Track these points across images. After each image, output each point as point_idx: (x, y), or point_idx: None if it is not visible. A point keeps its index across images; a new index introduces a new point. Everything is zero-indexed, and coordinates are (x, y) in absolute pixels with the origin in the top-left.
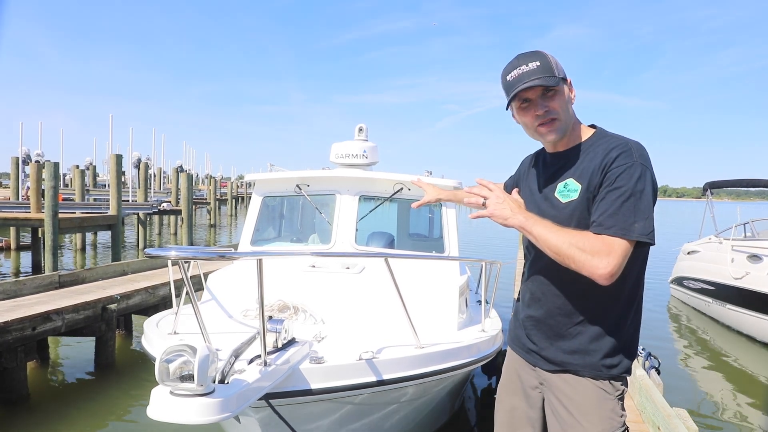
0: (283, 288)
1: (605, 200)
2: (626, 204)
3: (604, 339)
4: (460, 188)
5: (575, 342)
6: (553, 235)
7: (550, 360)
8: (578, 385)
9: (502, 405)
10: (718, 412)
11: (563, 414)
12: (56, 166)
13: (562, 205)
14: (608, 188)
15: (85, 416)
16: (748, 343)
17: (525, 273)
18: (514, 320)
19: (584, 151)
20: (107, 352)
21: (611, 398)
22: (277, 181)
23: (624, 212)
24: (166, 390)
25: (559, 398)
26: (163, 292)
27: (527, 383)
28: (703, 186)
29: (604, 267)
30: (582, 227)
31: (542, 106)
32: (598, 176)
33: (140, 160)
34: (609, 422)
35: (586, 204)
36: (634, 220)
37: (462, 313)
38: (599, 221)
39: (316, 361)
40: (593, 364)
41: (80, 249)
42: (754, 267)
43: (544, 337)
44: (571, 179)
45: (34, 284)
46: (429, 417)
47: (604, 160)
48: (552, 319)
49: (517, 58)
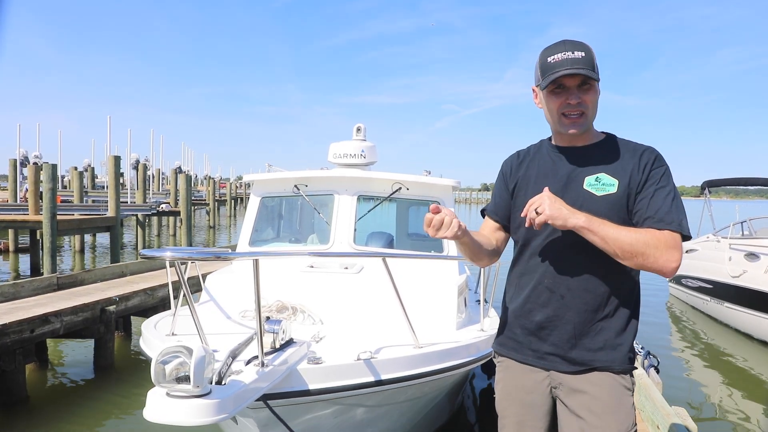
0: (281, 288)
1: (656, 197)
2: (675, 202)
3: (626, 332)
4: (458, 187)
5: (600, 338)
6: (625, 233)
7: (574, 361)
8: (603, 383)
9: (509, 420)
10: (716, 410)
11: (586, 416)
12: (54, 167)
13: (597, 198)
14: (656, 186)
15: (84, 418)
16: (745, 341)
17: (527, 274)
18: (514, 326)
19: (609, 149)
20: (106, 354)
21: (630, 393)
22: (275, 181)
23: (676, 209)
24: (163, 391)
25: (582, 400)
26: (162, 294)
27: (535, 391)
28: (701, 185)
29: (676, 260)
30: (620, 221)
31: (577, 96)
32: (640, 174)
33: (139, 161)
34: (631, 417)
35: (626, 200)
36: (683, 217)
37: (461, 313)
38: (659, 217)
39: (315, 361)
40: (620, 358)
41: (79, 251)
42: (751, 265)
43: (566, 338)
44: (604, 174)
45: (32, 286)
46: (428, 417)
47: (642, 160)
48: (578, 316)
49: (564, 42)
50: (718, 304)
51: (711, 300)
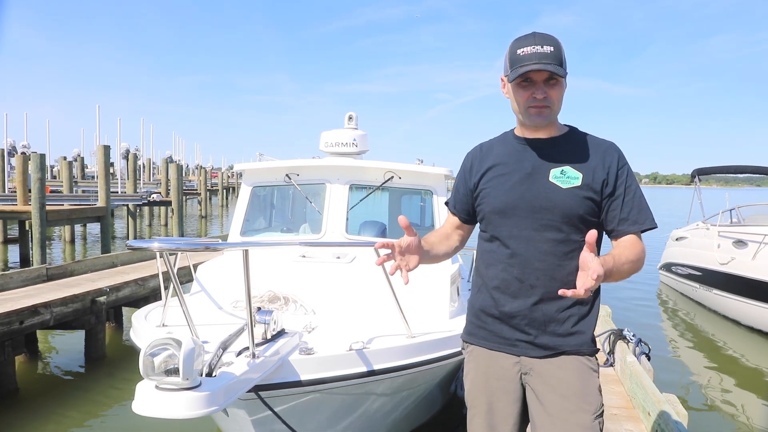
0: (273, 278)
1: (626, 199)
2: (641, 200)
3: (590, 316)
4: (451, 176)
5: (569, 323)
6: (627, 267)
7: (545, 346)
8: (571, 367)
9: (478, 409)
10: (706, 396)
11: (556, 399)
12: (42, 157)
13: (563, 190)
14: (625, 185)
15: (75, 410)
16: (734, 328)
17: (494, 264)
18: (483, 315)
19: (573, 143)
20: (97, 345)
21: (596, 375)
22: (266, 170)
23: (644, 208)
24: (152, 384)
25: (551, 384)
26: (153, 284)
27: (506, 377)
28: (691, 173)
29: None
30: (581, 212)
31: (543, 91)
32: (605, 173)
33: (129, 151)
34: (598, 399)
35: (589, 193)
36: (649, 212)
37: (454, 302)
38: (633, 219)
39: (306, 352)
40: (587, 342)
41: (69, 241)
42: (739, 252)
43: (536, 325)
44: (568, 167)
45: (21, 277)
46: (421, 406)
47: (606, 158)
48: (547, 305)
49: (534, 35)
50: (707, 291)
51: (700, 287)
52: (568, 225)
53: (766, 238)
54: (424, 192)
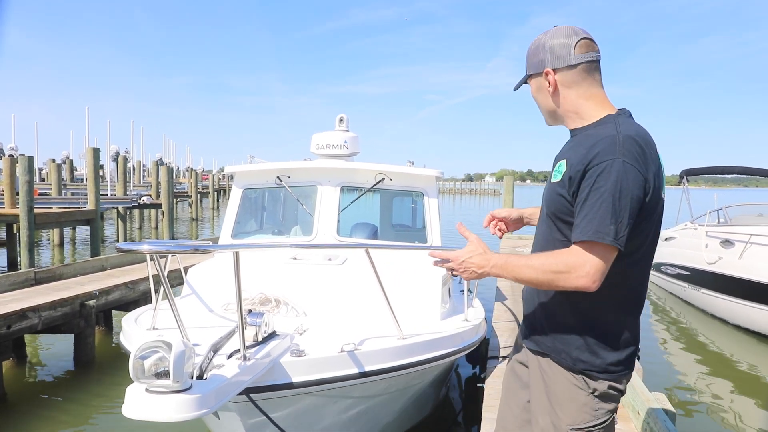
0: (264, 280)
1: (587, 203)
2: (601, 208)
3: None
4: (442, 177)
5: (554, 330)
6: (526, 270)
7: (537, 342)
8: (551, 371)
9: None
10: (695, 394)
11: (538, 395)
12: (30, 159)
13: (551, 185)
14: (590, 188)
15: (64, 415)
16: (722, 327)
17: None
18: None
19: (582, 135)
20: (86, 349)
21: (584, 392)
22: (257, 173)
23: (596, 217)
24: (142, 387)
25: (539, 378)
26: (144, 287)
27: (525, 361)
28: (680, 173)
29: (585, 275)
30: (556, 209)
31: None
32: (577, 169)
33: (118, 153)
34: (580, 414)
35: (561, 190)
36: (600, 223)
37: (445, 303)
38: (580, 227)
39: (298, 354)
40: (567, 358)
41: (58, 245)
42: (726, 252)
43: (533, 318)
44: (564, 161)
45: (9, 281)
46: (413, 407)
47: (588, 154)
48: (537, 307)
49: None
50: (695, 291)
51: (688, 286)
52: (552, 220)
53: (752, 237)
54: (415, 194)
